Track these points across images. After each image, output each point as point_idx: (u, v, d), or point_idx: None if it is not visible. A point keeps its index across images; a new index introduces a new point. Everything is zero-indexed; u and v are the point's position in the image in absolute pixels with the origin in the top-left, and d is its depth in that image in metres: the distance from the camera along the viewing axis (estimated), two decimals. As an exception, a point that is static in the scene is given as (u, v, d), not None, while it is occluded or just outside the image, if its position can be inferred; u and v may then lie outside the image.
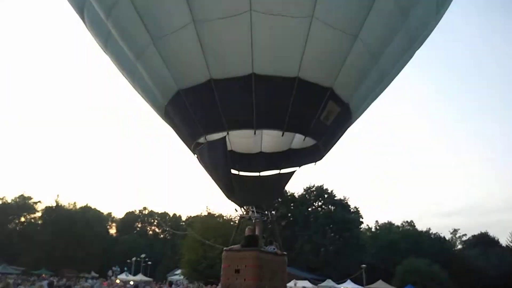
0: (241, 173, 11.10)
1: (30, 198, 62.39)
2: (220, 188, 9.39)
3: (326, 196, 49.27)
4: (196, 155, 9.83)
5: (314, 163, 10.72)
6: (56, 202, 62.72)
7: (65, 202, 64.55)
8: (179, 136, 10.12)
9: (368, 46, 8.33)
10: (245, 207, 9.59)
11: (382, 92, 10.75)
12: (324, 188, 49.63)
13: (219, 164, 8.72)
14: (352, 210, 49.21)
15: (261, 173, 11.12)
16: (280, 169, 11.67)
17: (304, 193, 49.42)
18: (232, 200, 9.56)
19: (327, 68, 8.13)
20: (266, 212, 9.59)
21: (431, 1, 9.43)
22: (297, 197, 48.54)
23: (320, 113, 8.52)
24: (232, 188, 8.94)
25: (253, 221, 9.33)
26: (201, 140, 9.16)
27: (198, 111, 8.55)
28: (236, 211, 9.62)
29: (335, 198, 49.13)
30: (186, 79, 8.36)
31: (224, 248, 8.49)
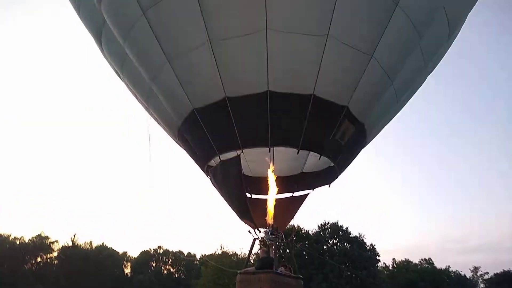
0: (253, 195, 10.93)
1: (47, 238, 62.97)
2: (233, 209, 9.19)
3: (341, 233, 48.01)
4: (209, 176, 9.71)
5: (328, 185, 10.52)
6: (73, 241, 63.15)
7: (82, 240, 64.91)
8: (192, 157, 10.04)
9: (383, 65, 8.33)
10: (259, 229, 9.31)
11: (396, 114, 10.68)
12: (339, 225, 48.48)
13: (233, 182, 8.57)
14: (368, 247, 47.70)
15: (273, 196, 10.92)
16: (293, 192, 11.49)
17: (318, 230, 48.33)
18: (245, 221, 9.31)
19: (343, 86, 8.11)
20: (281, 234, 9.29)
21: (443, 23, 9.49)
22: (311, 234, 47.63)
23: (335, 131, 8.42)
24: (246, 208, 8.73)
25: (267, 243, 9.04)
26: (215, 159, 9.05)
27: (212, 129, 8.51)
28: (249, 232, 9.34)
29: (351, 235, 47.84)
30: (201, 98, 8.38)
31: (238, 271, 8.18)
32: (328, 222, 48.42)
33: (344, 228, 47.30)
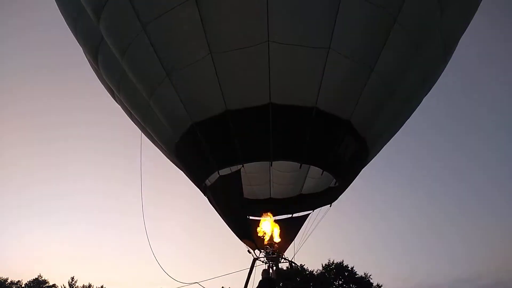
0: (251, 217, 10.58)
1: (45, 282, 60.65)
2: (233, 228, 8.82)
3: (346, 274, 46.72)
4: (207, 195, 9.38)
5: (329, 205, 10.24)
6: (70, 285, 60.87)
7: (80, 283, 62.64)
8: (189, 176, 9.75)
9: (383, 79, 8.34)
10: (259, 249, 8.91)
11: (396, 132, 10.62)
12: (344, 264, 47.31)
13: (233, 198, 8.26)
14: None
15: (272, 217, 10.59)
16: (292, 214, 11.19)
17: (323, 271, 47.03)
18: (245, 242, 8.92)
19: (345, 99, 8.05)
20: (282, 255, 8.90)
21: (438, 42, 9.63)
22: (315, 275, 46.35)
23: (338, 146, 8.27)
24: (246, 225, 8.38)
25: (268, 264, 8.62)
26: (214, 176, 8.77)
27: (211, 144, 8.30)
28: (249, 252, 8.92)
29: (356, 275, 46.61)
30: (201, 111, 8.22)
31: (238, 293, 7.71)
32: (333, 262, 47.16)
33: (350, 267, 46.11)
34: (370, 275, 46.08)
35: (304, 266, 42.50)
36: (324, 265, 46.82)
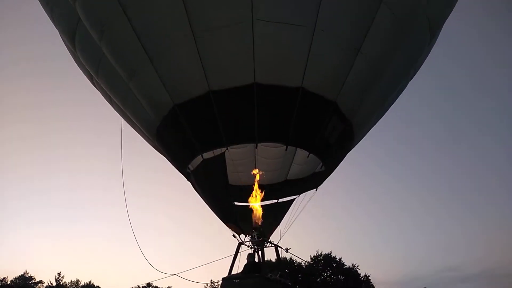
0: (236, 203, 10.40)
1: (31, 278, 59.06)
2: (217, 212, 8.61)
3: (334, 265, 46.87)
4: (190, 180, 9.14)
5: (315, 189, 10.14)
6: (57, 281, 59.56)
7: (68, 279, 61.38)
8: (172, 161, 9.47)
9: (369, 61, 8.20)
10: (244, 234, 8.74)
11: (381, 116, 10.56)
12: (332, 256, 47.37)
13: (217, 182, 8.04)
14: (362, 279, 46.71)
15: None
16: (277, 199, 11.06)
17: (311, 262, 47.03)
18: (230, 226, 8.73)
19: (331, 80, 7.89)
20: (268, 239, 8.75)
21: (425, 26, 9.56)
22: (304, 267, 46.34)
23: (324, 128, 8.12)
24: (231, 209, 8.18)
25: (253, 248, 8.46)
26: (197, 160, 8.53)
27: (194, 126, 8.04)
28: (234, 237, 8.74)
29: (344, 266, 46.79)
30: (183, 92, 7.94)
31: (222, 277, 7.54)
32: (321, 253, 47.27)
33: (338, 259, 46.33)
34: (357, 266, 46.68)
35: (292, 258, 42.83)
36: (312, 256, 47.13)
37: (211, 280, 46.96)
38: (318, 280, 45.06)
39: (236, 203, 10.27)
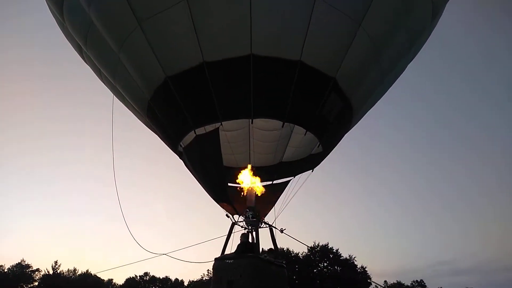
0: (230, 184, 10.09)
1: (28, 266, 58.31)
2: (210, 191, 8.28)
3: (331, 256, 46.86)
4: (182, 158, 8.78)
5: (311, 170, 9.85)
6: (54, 269, 58.87)
7: (65, 268, 60.68)
8: (164, 137, 9.08)
9: (371, 37, 7.84)
10: (237, 214, 8.43)
11: (381, 97, 10.24)
12: (329, 247, 47.36)
13: (211, 159, 7.68)
14: (359, 270, 46.85)
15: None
16: (272, 181, 10.78)
17: (308, 253, 46.96)
18: (223, 205, 8.42)
19: (331, 54, 7.52)
20: (262, 219, 8.46)
21: (428, 5, 9.22)
22: (301, 258, 46.28)
23: (322, 105, 7.78)
24: (224, 188, 7.85)
25: (247, 228, 8.17)
26: (189, 136, 8.15)
27: (187, 100, 7.63)
28: (227, 217, 8.43)
29: (341, 257, 46.83)
30: (175, 64, 7.52)
31: (215, 258, 7.24)
32: (318, 244, 47.27)
33: (335, 250, 46.37)
34: (354, 257, 46.87)
35: (289, 249, 42.74)
36: (309, 247, 47.05)
37: (208, 270, 46.79)
38: (315, 270, 45.20)
39: (230, 184, 9.99)
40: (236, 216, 8.65)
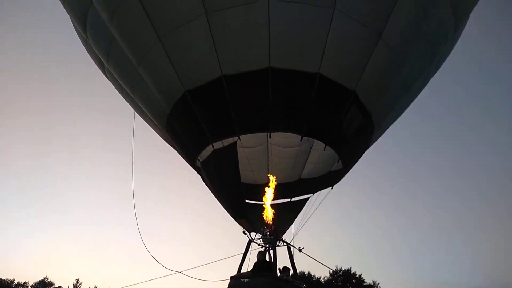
0: (248, 201, 9.91)
1: (51, 283, 59.41)
2: (227, 208, 8.11)
3: (354, 281, 45.51)
4: (200, 173, 8.68)
5: (331, 187, 9.57)
6: (75, 287, 59.84)
7: (86, 286, 61.56)
8: (181, 151, 9.04)
9: (391, 48, 7.66)
10: (255, 232, 8.21)
11: (404, 110, 9.95)
12: (352, 272, 46.09)
13: (228, 173, 7.54)
14: None
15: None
16: (291, 198, 10.54)
17: (330, 278, 45.80)
18: (240, 222, 8.21)
19: (350, 67, 7.37)
20: (280, 238, 8.20)
21: (447, 13, 8.98)
22: (323, 282, 45.21)
23: (342, 119, 7.58)
24: (242, 204, 7.67)
25: (265, 246, 7.92)
26: (207, 151, 8.06)
27: (205, 113, 7.60)
28: (244, 234, 8.21)
29: (364, 283, 45.41)
30: (194, 78, 7.52)
31: (231, 276, 7.00)
32: (341, 269, 45.97)
33: (358, 275, 44.99)
34: (378, 284, 45.09)
35: (310, 273, 41.55)
36: (331, 272, 45.62)
37: None
38: (337, 296, 43.67)
39: (247, 201, 9.81)
40: (253, 234, 8.45)
